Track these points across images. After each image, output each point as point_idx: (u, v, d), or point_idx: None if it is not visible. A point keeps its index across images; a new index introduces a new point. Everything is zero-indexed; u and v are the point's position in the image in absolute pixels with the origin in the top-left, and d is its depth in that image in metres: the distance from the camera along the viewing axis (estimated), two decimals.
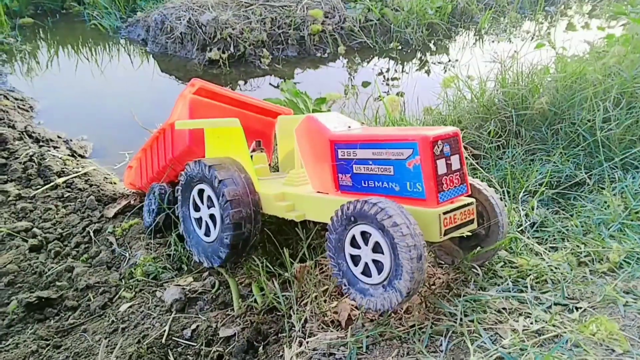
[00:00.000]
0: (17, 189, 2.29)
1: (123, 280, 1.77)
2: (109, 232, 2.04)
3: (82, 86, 4.09)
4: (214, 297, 1.60)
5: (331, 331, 1.28)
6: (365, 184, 1.35)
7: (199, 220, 1.64)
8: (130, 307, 1.60)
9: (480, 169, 2.05)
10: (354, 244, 1.22)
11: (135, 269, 1.79)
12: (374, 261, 1.18)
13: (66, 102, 3.72)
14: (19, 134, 2.71)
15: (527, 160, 2.19)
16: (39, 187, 2.33)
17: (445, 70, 5.36)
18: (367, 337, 1.20)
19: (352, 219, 1.19)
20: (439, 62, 5.61)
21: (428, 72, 5.24)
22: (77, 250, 1.97)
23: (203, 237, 1.63)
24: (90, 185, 2.38)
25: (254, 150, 1.90)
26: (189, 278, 1.72)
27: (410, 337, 1.19)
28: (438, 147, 1.20)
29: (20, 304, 1.66)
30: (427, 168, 1.19)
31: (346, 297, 1.31)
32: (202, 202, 1.60)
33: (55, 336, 1.56)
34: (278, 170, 2.01)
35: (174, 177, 2.10)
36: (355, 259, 1.23)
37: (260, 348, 1.35)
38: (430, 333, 1.19)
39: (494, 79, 2.72)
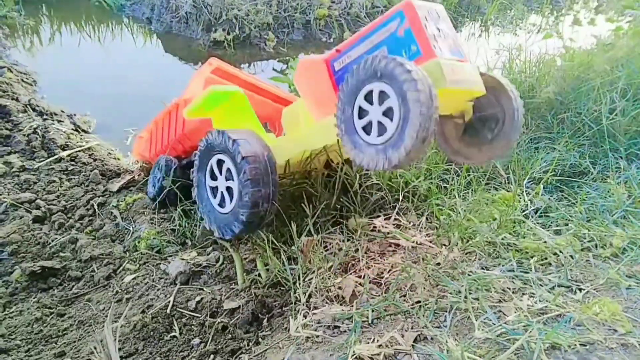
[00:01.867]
0: (21, 161, 2.28)
1: (127, 252, 1.77)
2: (112, 205, 2.04)
3: (85, 63, 4.06)
4: (217, 271, 1.61)
5: (335, 305, 1.29)
6: None
7: (214, 189, 1.59)
8: (134, 278, 1.61)
9: None
10: (368, 99, 1.19)
11: (139, 242, 1.79)
12: (380, 123, 1.16)
13: (69, 78, 3.69)
14: (23, 106, 2.70)
15: (532, 148, 2.19)
16: (42, 159, 2.32)
17: None
18: (372, 311, 1.21)
19: (377, 73, 1.15)
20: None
21: None
22: (80, 223, 1.97)
23: (217, 206, 1.58)
24: (94, 160, 2.37)
25: None
26: (192, 252, 1.73)
27: (414, 312, 1.20)
28: (423, 12, 1.24)
29: (24, 272, 1.67)
30: (417, 27, 1.23)
31: (339, 138, 1.28)
32: (220, 172, 1.55)
33: (59, 305, 1.57)
34: None
35: (182, 152, 2.10)
36: (362, 113, 1.21)
37: (265, 320, 1.36)
38: (435, 309, 1.20)
39: (501, 68, 2.72)
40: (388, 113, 1.14)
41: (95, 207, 2.04)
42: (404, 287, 1.34)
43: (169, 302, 1.45)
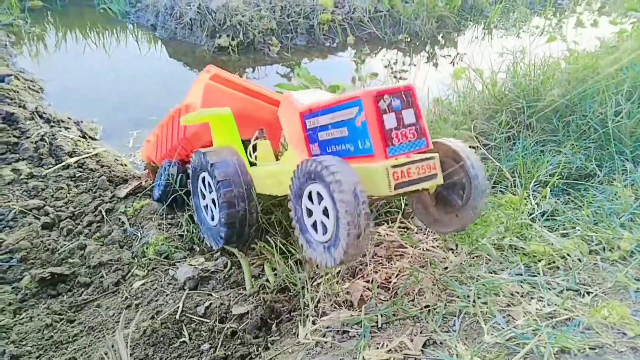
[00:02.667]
0: (29, 168, 2.30)
1: (135, 258, 1.79)
2: (120, 211, 2.06)
3: (90, 70, 4.09)
4: (226, 276, 1.62)
5: (344, 310, 1.30)
6: (329, 149, 1.36)
7: (206, 208, 1.72)
8: (143, 284, 1.62)
9: (491, 158, 2.06)
10: (311, 198, 1.20)
11: (147, 248, 1.81)
12: (322, 222, 1.17)
13: (75, 85, 3.72)
14: (30, 114, 2.72)
15: (538, 151, 2.19)
16: (50, 166, 2.34)
17: (454, 64, 5.36)
18: (381, 315, 1.22)
19: (311, 176, 1.16)
20: (447, 55, 5.60)
21: (436, 64, 5.24)
22: (89, 229, 1.98)
23: (210, 222, 1.71)
24: (102, 166, 2.39)
25: (257, 138, 1.92)
26: (200, 258, 1.74)
27: (423, 317, 1.20)
28: (384, 102, 1.19)
29: (33, 279, 1.68)
30: (372, 122, 1.18)
31: (296, 237, 1.30)
32: (205, 188, 1.68)
33: (69, 311, 1.58)
34: None
35: (185, 156, 2.12)
36: (310, 212, 1.22)
37: (274, 325, 1.36)
38: (444, 313, 1.21)
39: (505, 71, 2.72)
40: (326, 213, 1.15)
41: (103, 213, 2.05)
42: (412, 291, 1.35)
43: (178, 307, 1.45)
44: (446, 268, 1.41)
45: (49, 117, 2.74)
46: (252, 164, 1.76)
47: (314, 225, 1.20)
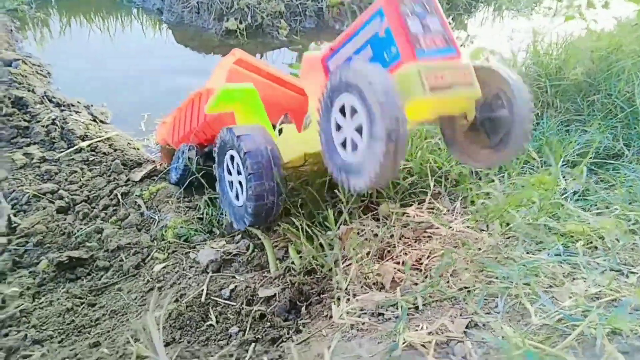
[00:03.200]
0: (41, 152, 2.25)
1: (155, 241, 1.74)
2: (136, 195, 2.01)
3: (97, 55, 4.03)
4: (249, 259, 1.57)
5: (376, 292, 1.25)
6: None
7: (230, 183, 1.67)
8: (164, 267, 1.58)
9: None
10: (342, 112, 1.13)
11: (166, 231, 1.76)
12: (353, 140, 1.10)
13: (82, 70, 3.66)
14: (40, 98, 2.67)
15: (563, 131, 2.13)
16: (62, 150, 2.29)
17: (464, 46, 5.27)
18: (418, 297, 1.17)
19: (342, 84, 1.08)
20: (456, 38, 5.48)
21: None
22: (105, 213, 1.94)
23: (234, 199, 1.66)
24: (115, 150, 2.34)
25: (282, 123, 1.86)
26: (221, 241, 1.69)
27: (462, 298, 1.16)
28: (406, 6, 1.12)
29: (51, 263, 1.64)
30: (396, 26, 1.11)
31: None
32: (233, 167, 1.62)
33: (89, 295, 1.54)
34: None
35: (204, 140, 2.08)
36: (339, 127, 1.15)
37: (303, 308, 1.32)
38: (483, 295, 1.16)
39: (525, 50, 2.65)
40: (358, 130, 1.07)
41: (119, 196, 2.01)
42: (446, 273, 1.30)
43: (203, 290, 1.41)
44: (480, 249, 1.36)
45: (58, 101, 2.69)
46: None
47: (344, 144, 1.13)
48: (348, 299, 1.22)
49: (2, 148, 2.27)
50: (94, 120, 2.66)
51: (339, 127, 1.15)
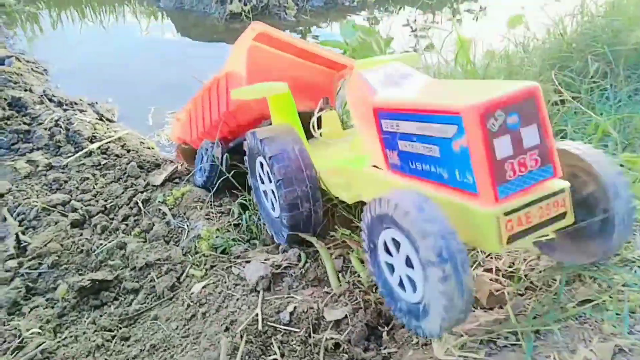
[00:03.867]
0: (46, 158, 2.02)
1: (187, 255, 1.52)
2: (159, 201, 1.78)
3: (93, 48, 3.76)
4: (302, 272, 1.34)
5: (479, 311, 1.03)
6: (412, 165, 1.01)
7: (265, 193, 1.47)
8: (204, 287, 1.35)
9: (590, 113, 1.75)
10: (388, 248, 0.93)
11: (199, 243, 1.53)
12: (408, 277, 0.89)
13: (80, 66, 3.40)
14: (39, 97, 2.42)
15: (632, 103, 1.90)
16: (70, 154, 2.05)
17: (477, 18, 5.01)
18: (535, 317, 0.95)
19: (383, 220, 0.89)
20: (469, 10, 5.26)
21: (460, 21, 4.91)
22: (126, 224, 1.71)
23: (270, 210, 1.47)
24: (128, 151, 2.10)
25: (321, 109, 1.63)
26: (265, 250, 1.47)
27: (588, 315, 0.93)
28: (496, 120, 0.81)
29: (71, 288, 1.42)
30: (477, 152, 0.82)
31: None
32: (264, 174, 1.41)
33: (120, 325, 1.31)
34: None
35: (228, 133, 1.84)
36: (391, 267, 0.95)
37: (385, 333, 1.10)
38: (616, 310, 0.94)
39: (572, 14, 2.40)
40: (409, 263, 0.86)
41: (140, 204, 1.77)
42: (551, 280, 1.08)
43: (257, 315, 1.19)
44: None
45: (60, 100, 2.44)
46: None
47: (401, 284, 0.93)
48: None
49: (2, 156, 2.03)
50: (101, 119, 2.42)
51: (392, 268, 0.94)
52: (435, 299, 0.78)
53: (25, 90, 2.49)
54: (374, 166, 1.17)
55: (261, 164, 1.40)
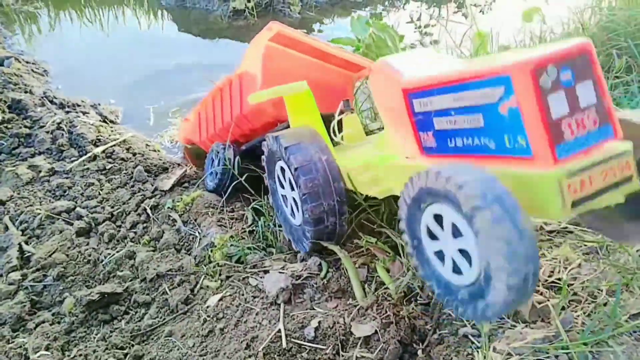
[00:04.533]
0: (49, 163, 1.94)
1: (201, 265, 1.44)
2: (168, 207, 1.70)
3: (93, 47, 3.68)
4: (324, 282, 1.27)
5: (514, 325, 0.96)
6: (451, 142, 0.94)
7: (284, 197, 1.38)
8: (220, 300, 1.27)
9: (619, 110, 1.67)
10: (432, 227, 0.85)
11: (212, 251, 1.45)
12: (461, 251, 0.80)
13: (80, 66, 3.31)
14: (39, 99, 2.34)
15: None
16: (74, 159, 1.97)
17: (483, 12, 4.93)
18: (592, 331, 0.87)
19: (431, 195, 0.80)
20: (475, 4, 5.18)
21: (465, 15, 4.82)
22: (134, 232, 1.63)
23: (289, 216, 1.38)
24: (134, 154, 2.02)
25: (342, 112, 1.55)
26: (283, 258, 1.39)
27: None
28: (548, 76, 0.75)
29: (79, 302, 1.34)
30: (529, 110, 0.76)
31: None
32: (285, 180, 1.33)
33: (132, 342, 1.24)
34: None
35: (240, 136, 1.76)
36: (433, 235, 0.86)
37: (420, 351, 1.02)
38: None
39: (591, 6, 2.32)
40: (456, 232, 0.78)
41: (148, 210, 1.69)
42: (598, 291, 1.00)
43: (280, 331, 1.11)
44: (630, 255, 1.06)
45: (61, 102, 2.36)
46: (335, 144, 1.39)
47: (440, 256, 0.84)
48: (489, 342, 0.92)
49: (2, 161, 1.95)
50: (104, 121, 2.33)
51: (441, 256, 0.85)
52: (493, 253, 0.68)
53: (26, 92, 2.41)
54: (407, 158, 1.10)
55: (282, 169, 1.32)
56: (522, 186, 0.76)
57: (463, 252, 0.78)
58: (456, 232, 0.77)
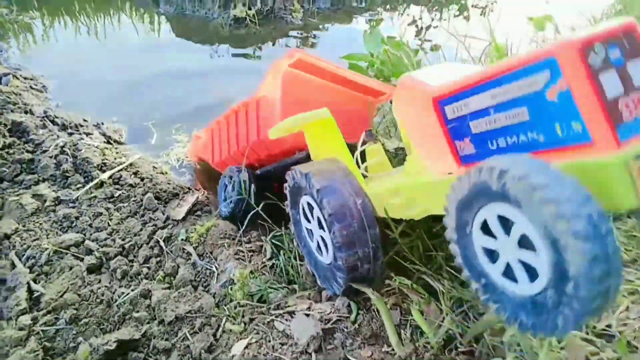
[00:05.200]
0: (54, 191, 1.85)
1: (221, 306, 1.37)
2: (182, 239, 1.62)
3: (91, 57, 3.58)
4: (356, 327, 1.20)
5: None
6: (493, 145, 0.88)
7: (310, 231, 1.31)
8: (246, 347, 1.20)
9: None
10: (486, 227, 0.78)
11: (232, 290, 1.39)
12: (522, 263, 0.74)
13: (80, 79, 3.22)
14: (41, 120, 2.25)
15: None
16: (79, 185, 1.89)
17: (484, 14, 4.88)
18: None
19: (486, 192, 0.74)
20: (476, 6, 5.13)
21: (468, 18, 4.78)
22: (148, 267, 1.55)
23: (315, 252, 1.31)
24: (142, 179, 1.94)
25: (365, 142, 1.48)
26: (307, 296, 1.32)
27: None
28: (597, 54, 0.71)
29: (95, 351, 1.26)
30: (582, 90, 0.70)
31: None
32: (313, 217, 1.25)
33: None
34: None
35: (256, 161, 1.69)
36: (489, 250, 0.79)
37: None
38: None
39: (607, 14, 2.26)
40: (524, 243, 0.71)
41: (161, 243, 1.62)
42: None
43: None
44: None
45: (63, 122, 2.27)
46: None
47: (506, 273, 0.77)
48: None
49: (5, 190, 1.87)
50: (109, 142, 2.25)
51: (491, 255, 0.78)
52: (576, 271, 0.62)
53: (26, 112, 2.32)
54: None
55: (309, 205, 1.25)
56: (584, 176, 0.68)
57: (527, 264, 0.71)
58: (525, 244, 0.70)
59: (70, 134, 2.18)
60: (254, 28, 3.70)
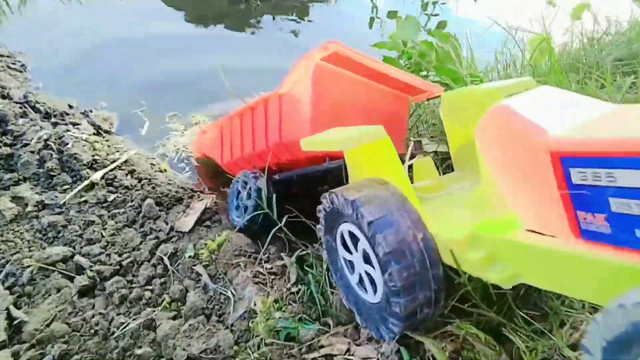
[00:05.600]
0: (37, 193, 1.60)
1: (241, 343, 1.15)
2: (189, 256, 1.40)
3: (74, 30, 3.25)
4: None
5: None
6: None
7: (349, 263, 1.10)
8: None
9: None
10: None
11: (253, 324, 1.17)
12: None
13: (61, 55, 2.90)
14: (20, 107, 1.97)
15: None
16: (66, 187, 1.64)
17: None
18: None
19: None
20: None
21: None
22: (150, 290, 1.33)
23: (355, 285, 1.10)
24: (139, 180, 1.70)
25: (413, 156, 1.27)
26: (343, 333, 1.12)
27: None
28: None
29: None
30: None
31: None
32: (356, 248, 1.04)
33: None
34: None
35: (275, 164, 1.47)
36: None
37: None
38: None
39: None
40: None
41: (166, 261, 1.39)
42: None
43: None
44: None
45: (47, 110, 2.00)
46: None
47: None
48: None
49: None
50: (99, 133, 1.99)
51: None
52: None
53: (3, 96, 2.04)
54: (530, 230, 0.82)
55: (352, 234, 1.03)
56: None
57: None
58: None
59: (55, 124, 1.91)
60: (255, 3, 3.41)
